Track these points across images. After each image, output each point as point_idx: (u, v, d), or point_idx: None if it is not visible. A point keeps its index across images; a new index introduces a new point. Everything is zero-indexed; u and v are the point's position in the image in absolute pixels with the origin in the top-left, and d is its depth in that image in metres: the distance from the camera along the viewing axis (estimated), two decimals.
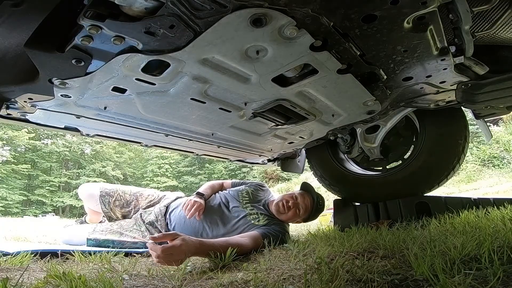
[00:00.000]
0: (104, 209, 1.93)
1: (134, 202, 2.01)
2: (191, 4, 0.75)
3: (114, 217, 1.96)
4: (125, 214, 1.99)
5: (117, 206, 1.96)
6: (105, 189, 1.99)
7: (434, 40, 0.97)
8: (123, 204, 1.98)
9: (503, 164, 13.06)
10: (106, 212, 1.94)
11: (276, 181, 22.42)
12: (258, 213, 1.78)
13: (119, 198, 1.97)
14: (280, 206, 1.80)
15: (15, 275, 0.91)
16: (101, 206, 1.92)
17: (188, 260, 1.14)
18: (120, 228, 1.81)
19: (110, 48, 0.90)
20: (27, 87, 1.06)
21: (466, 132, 1.76)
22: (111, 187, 2.03)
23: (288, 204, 1.79)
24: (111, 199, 1.95)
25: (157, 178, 31.20)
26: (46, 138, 31.59)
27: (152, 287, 0.80)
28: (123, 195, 2.00)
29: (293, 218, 1.84)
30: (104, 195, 1.95)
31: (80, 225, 2.17)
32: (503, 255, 0.71)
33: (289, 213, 1.79)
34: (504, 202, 1.65)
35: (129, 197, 2.02)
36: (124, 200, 1.99)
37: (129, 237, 1.76)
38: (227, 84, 1.15)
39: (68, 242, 1.89)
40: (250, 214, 1.77)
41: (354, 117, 1.56)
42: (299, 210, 1.82)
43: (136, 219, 1.90)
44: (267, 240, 1.43)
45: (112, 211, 1.95)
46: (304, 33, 0.87)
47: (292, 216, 1.81)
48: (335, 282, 0.66)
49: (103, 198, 1.94)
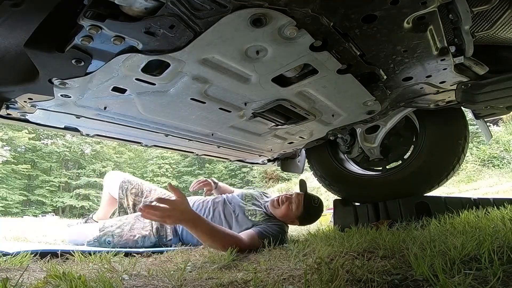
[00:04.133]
0: (120, 195, 2.11)
1: (146, 194, 2.18)
2: (191, 4, 0.76)
3: (125, 204, 2.11)
4: (136, 203, 2.13)
5: (132, 194, 2.14)
6: (127, 178, 2.22)
7: (434, 40, 0.97)
8: (137, 193, 2.15)
9: (503, 164, 13.08)
10: (121, 198, 2.11)
11: (276, 181, 22.43)
12: (255, 210, 1.86)
13: (136, 187, 2.17)
14: (274, 201, 1.90)
15: (15, 275, 0.91)
16: (119, 191, 2.12)
17: (188, 260, 1.14)
18: (127, 223, 1.90)
19: (110, 48, 0.90)
20: (27, 87, 1.06)
21: (466, 132, 1.76)
22: (133, 178, 2.25)
23: (282, 199, 1.88)
24: (129, 186, 2.14)
25: (157, 178, 31.18)
26: (46, 138, 31.61)
27: (152, 287, 0.80)
28: (141, 185, 2.19)
29: (287, 213, 1.85)
30: (125, 182, 2.15)
31: (86, 224, 2.21)
32: (503, 255, 0.71)
33: (282, 208, 1.84)
34: (504, 202, 1.65)
35: (144, 189, 2.19)
36: (140, 190, 2.17)
37: (137, 230, 1.85)
38: (227, 84, 1.15)
39: (74, 242, 1.91)
40: (249, 210, 1.86)
41: (354, 117, 1.56)
42: (291, 204, 1.85)
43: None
44: (266, 240, 1.46)
45: (126, 198, 2.12)
46: (304, 33, 0.87)
47: (285, 210, 1.84)
48: (335, 282, 0.66)
49: (124, 183, 2.14)
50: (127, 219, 1.91)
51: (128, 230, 1.82)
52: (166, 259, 1.32)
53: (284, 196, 1.90)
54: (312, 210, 1.91)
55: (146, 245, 1.83)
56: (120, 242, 1.76)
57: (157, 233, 1.86)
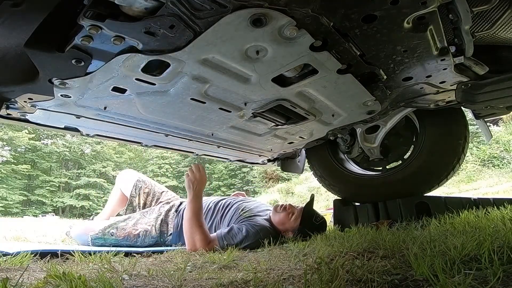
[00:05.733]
0: (133, 193, 2.17)
1: (158, 195, 2.25)
2: (191, 4, 0.76)
3: (135, 203, 2.17)
4: (146, 202, 2.20)
5: (144, 193, 2.20)
6: (143, 178, 2.29)
7: (434, 40, 0.97)
8: (149, 193, 2.22)
9: (503, 164, 13.08)
10: (133, 196, 2.17)
11: (276, 181, 22.43)
12: (248, 207, 1.92)
13: (149, 187, 2.24)
14: (278, 206, 1.91)
15: (15, 275, 0.91)
16: (132, 189, 2.18)
17: (188, 260, 1.15)
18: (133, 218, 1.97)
19: (110, 48, 0.90)
20: (27, 87, 1.06)
21: (466, 132, 1.76)
22: (147, 179, 2.33)
23: (285, 206, 1.89)
24: (143, 186, 2.21)
25: (157, 178, 31.14)
26: (46, 138, 31.61)
27: (152, 287, 0.80)
28: (153, 187, 2.27)
29: (284, 221, 1.82)
30: (140, 181, 2.22)
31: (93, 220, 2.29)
32: (503, 255, 0.71)
33: (282, 214, 1.85)
34: (504, 202, 1.65)
35: (156, 190, 2.26)
36: (152, 190, 2.24)
37: (141, 225, 1.92)
38: (227, 84, 1.15)
39: (79, 237, 1.95)
40: (244, 207, 1.92)
41: (354, 117, 1.56)
42: (292, 214, 1.84)
43: (153, 209, 2.10)
44: (225, 242, 1.60)
45: (138, 196, 2.19)
46: (304, 33, 0.87)
47: (283, 218, 1.83)
48: (335, 282, 0.66)
49: (139, 182, 2.21)
50: (133, 215, 1.99)
51: (132, 224, 1.90)
52: (166, 259, 1.32)
53: (289, 204, 1.90)
54: (311, 227, 1.78)
55: (147, 242, 1.87)
56: (122, 234, 1.83)
57: (159, 229, 1.93)
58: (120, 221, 1.91)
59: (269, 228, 1.78)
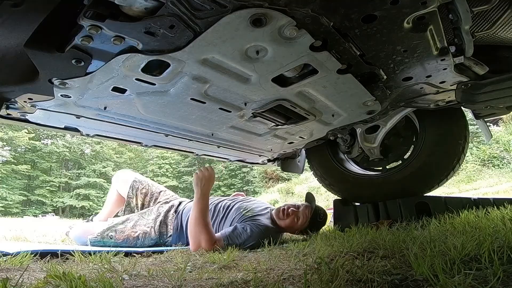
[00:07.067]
0: (130, 194, 2.14)
1: (156, 195, 2.22)
2: (191, 4, 0.76)
3: (133, 204, 2.14)
4: (144, 203, 2.18)
5: (142, 194, 2.18)
6: (139, 178, 2.25)
7: (434, 40, 0.97)
8: (147, 193, 2.19)
9: (503, 164, 13.08)
10: (130, 197, 2.14)
11: (276, 181, 22.42)
12: (250, 207, 1.90)
13: (147, 187, 2.20)
14: (280, 212, 1.88)
15: (15, 275, 0.91)
16: (129, 190, 2.15)
17: (188, 260, 1.15)
18: (131, 219, 1.95)
19: (110, 48, 0.90)
20: (27, 87, 1.06)
21: (466, 132, 1.76)
22: (144, 179, 2.28)
23: (288, 211, 1.86)
24: (140, 186, 2.18)
25: (157, 178, 31.17)
26: (46, 138, 31.61)
27: (152, 287, 0.80)
28: (151, 187, 2.23)
29: (291, 225, 1.85)
30: (136, 181, 2.18)
31: (90, 222, 2.24)
32: (503, 255, 0.71)
33: (287, 220, 1.84)
34: (504, 202, 1.65)
35: (154, 190, 2.23)
36: (150, 191, 2.21)
37: (140, 227, 1.90)
38: (227, 84, 1.15)
39: (78, 239, 1.94)
40: (245, 206, 1.91)
41: (354, 117, 1.56)
42: (297, 218, 1.85)
43: (152, 209, 2.07)
44: (228, 242, 1.58)
45: (135, 197, 2.16)
46: (304, 33, 0.87)
47: (290, 223, 1.84)
48: (335, 282, 0.66)
49: (135, 183, 2.17)
50: (131, 217, 1.96)
51: (131, 226, 1.87)
52: (166, 259, 1.32)
53: (291, 209, 1.88)
54: (316, 224, 1.93)
55: (146, 243, 1.85)
56: (121, 237, 1.81)
57: (159, 230, 1.91)
58: (119, 223, 1.88)
59: (273, 228, 1.79)
